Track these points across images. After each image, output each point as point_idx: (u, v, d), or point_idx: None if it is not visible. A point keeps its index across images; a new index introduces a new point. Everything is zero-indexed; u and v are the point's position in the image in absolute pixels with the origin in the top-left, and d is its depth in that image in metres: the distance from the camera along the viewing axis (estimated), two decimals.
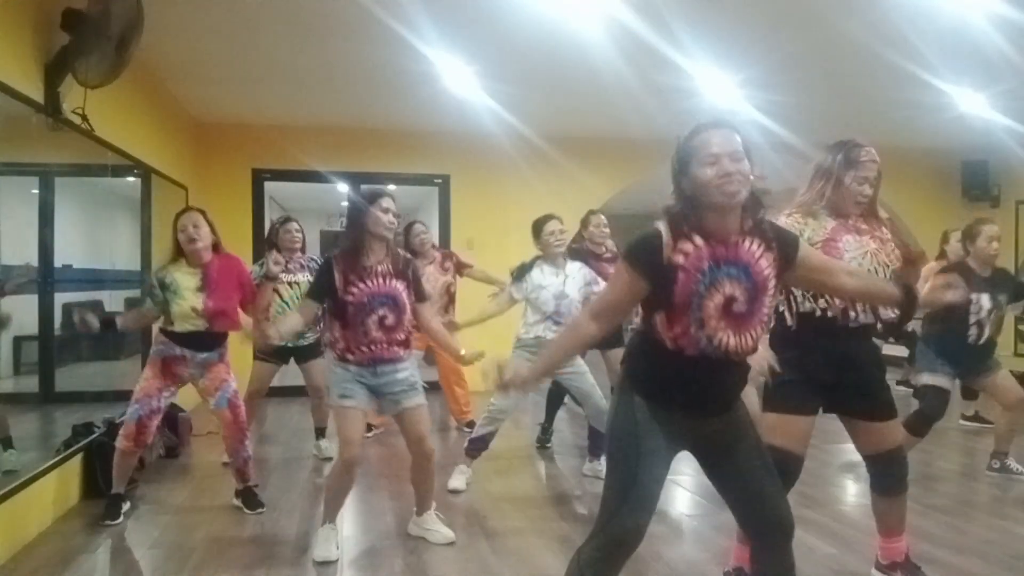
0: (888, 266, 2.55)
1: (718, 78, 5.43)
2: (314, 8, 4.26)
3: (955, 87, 5.63)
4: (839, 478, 4.42)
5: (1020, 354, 8.24)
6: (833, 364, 2.50)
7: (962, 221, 4.41)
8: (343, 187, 7.96)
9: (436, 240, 7.83)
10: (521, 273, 4.17)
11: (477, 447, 4.19)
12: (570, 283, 4.10)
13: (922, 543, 3.19)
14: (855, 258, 2.50)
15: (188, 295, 3.53)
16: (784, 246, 1.96)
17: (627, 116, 6.56)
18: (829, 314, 2.50)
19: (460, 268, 5.56)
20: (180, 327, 3.57)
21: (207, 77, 5.68)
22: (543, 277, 4.11)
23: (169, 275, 3.58)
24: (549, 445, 5.18)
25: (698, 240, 1.88)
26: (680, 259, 1.87)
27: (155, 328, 3.75)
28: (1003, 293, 4.18)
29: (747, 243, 1.91)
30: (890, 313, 2.48)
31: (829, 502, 3.93)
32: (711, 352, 1.89)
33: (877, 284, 2.16)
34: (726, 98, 5.90)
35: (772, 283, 1.93)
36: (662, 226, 1.91)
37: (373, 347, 3.10)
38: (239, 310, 3.77)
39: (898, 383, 7.61)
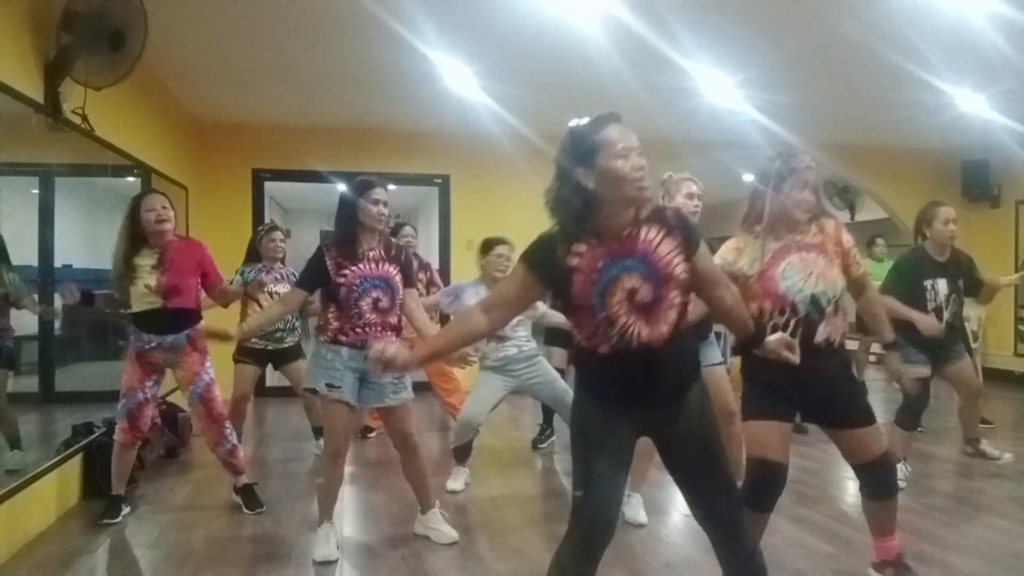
0: (836, 283, 2.50)
1: (718, 78, 5.43)
2: (314, 8, 4.26)
3: (955, 87, 5.63)
4: (839, 478, 4.41)
5: (1020, 354, 8.24)
6: (793, 378, 2.42)
7: (962, 221, 4.39)
8: (343, 187, 7.95)
9: (436, 240, 7.87)
10: (456, 291, 4.19)
11: (462, 454, 4.21)
12: None
13: (922, 543, 3.19)
14: (795, 284, 2.46)
15: (144, 274, 3.55)
16: (688, 233, 1.93)
17: (627, 116, 6.47)
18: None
19: (429, 285, 5.42)
20: (138, 307, 3.58)
21: (207, 77, 5.69)
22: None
23: (124, 261, 3.57)
24: (543, 446, 5.18)
25: (591, 240, 1.88)
26: (575, 261, 1.88)
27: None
28: (961, 278, 4.14)
29: (643, 232, 1.90)
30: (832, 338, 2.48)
31: (829, 502, 3.93)
32: (624, 346, 1.89)
33: (743, 314, 2.13)
34: (726, 98, 5.90)
35: (679, 269, 1.90)
36: (555, 229, 1.92)
37: (368, 329, 3.11)
38: (201, 293, 3.75)
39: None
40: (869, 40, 4.58)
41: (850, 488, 4.23)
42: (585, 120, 1.91)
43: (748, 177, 10.11)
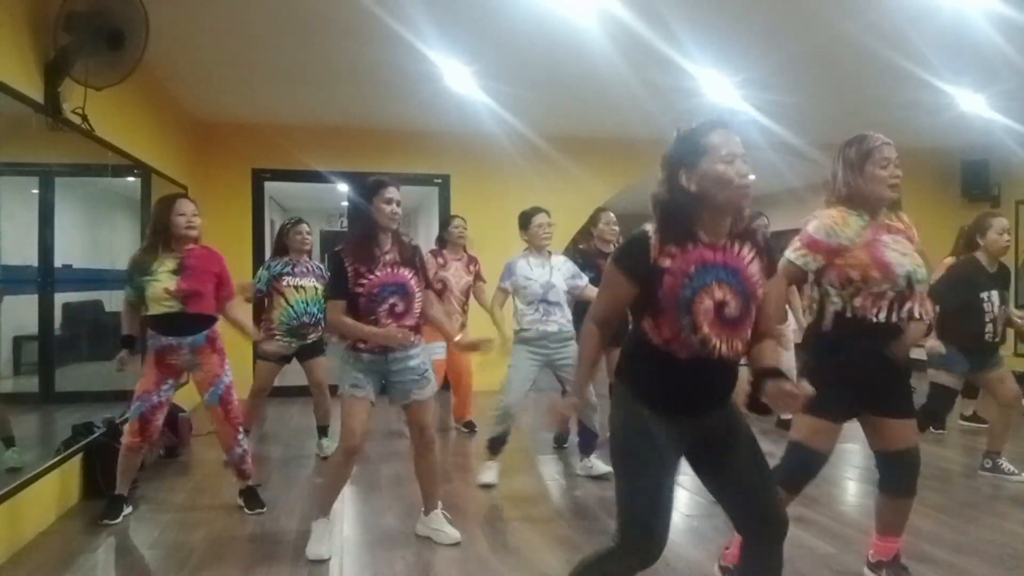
0: (923, 265, 2.55)
1: (718, 78, 5.43)
2: (314, 8, 4.26)
3: (955, 87, 5.63)
4: (839, 478, 4.41)
5: (1020, 354, 8.23)
6: (872, 364, 2.50)
7: (962, 221, 4.40)
8: (343, 187, 7.95)
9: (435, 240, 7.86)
10: (508, 269, 4.31)
11: (497, 446, 4.24)
12: (556, 274, 4.26)
13: (922, 543, 3.19)
14: (897, 258, 2.49)
15: (162, 277, 3.55)
16: (771, 257, 1.97)
17: (627, 116, 6.57)
18: (859, 314, 2.50)
19: (476, 278, 5.51)
20: (155, 310, 3.58)
21: (207, 77, 5.69)
22: (529, 269, 4.25)
23: (146, 260, 3.59)
24: (567, 445, 5.10)
25: (687, 244, 1.87)
26: (667, 262, 1.85)
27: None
28: (1006, 289, 4.18)
29: (736, 247, 1.90)
30: (915, 314, 2.51)
31: (829, 502, 3.92)
32: (704, 354, 1.88)
33: (768, 354, 2.01)
34: (726, 98, 5.90)
35: (760, 290, 1.93)
36: (650, 228, 1.90)
37: None
38: (216, 299, 3.74)
39: None
40: (869, 40, 4.58)
41: (850, 488, 4.24)
42: (692, 124, 1.92)
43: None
